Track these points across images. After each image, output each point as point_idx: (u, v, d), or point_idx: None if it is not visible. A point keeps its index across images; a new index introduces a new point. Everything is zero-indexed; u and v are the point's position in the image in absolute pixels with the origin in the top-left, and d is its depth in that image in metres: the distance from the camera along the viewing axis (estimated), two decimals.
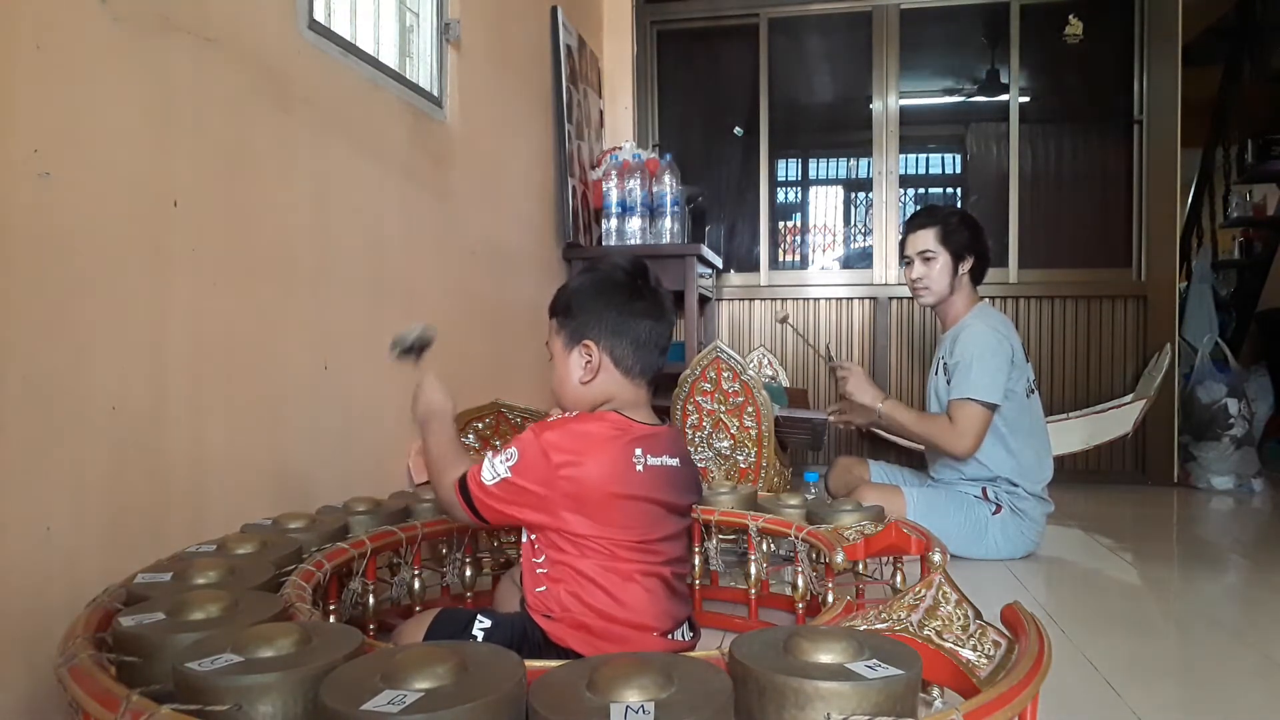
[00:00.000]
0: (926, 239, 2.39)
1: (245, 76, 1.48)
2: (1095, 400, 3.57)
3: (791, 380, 3.70)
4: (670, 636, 1.17)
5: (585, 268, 1.28)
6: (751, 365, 2.66)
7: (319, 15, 1.73)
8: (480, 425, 1.97)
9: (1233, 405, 3.48)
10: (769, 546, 1.64)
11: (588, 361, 1.19)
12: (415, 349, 1.33)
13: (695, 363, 2.09)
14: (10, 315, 1.04)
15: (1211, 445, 3.48)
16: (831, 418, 2.45)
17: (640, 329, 1.19)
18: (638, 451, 1.15)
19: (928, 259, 2.39)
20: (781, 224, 4.03)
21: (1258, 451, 3.57)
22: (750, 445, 2.08)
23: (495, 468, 1.14)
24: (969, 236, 2.37)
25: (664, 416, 1.58)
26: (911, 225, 2.45)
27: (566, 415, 1.18)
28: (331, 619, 1.22)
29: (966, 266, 2.38)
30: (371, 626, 1.34)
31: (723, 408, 2.08)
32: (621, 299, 1.19)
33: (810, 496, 1.70)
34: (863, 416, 2.44)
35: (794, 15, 3.88)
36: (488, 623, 1.16)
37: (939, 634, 0.87)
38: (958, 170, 3.92)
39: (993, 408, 2.24)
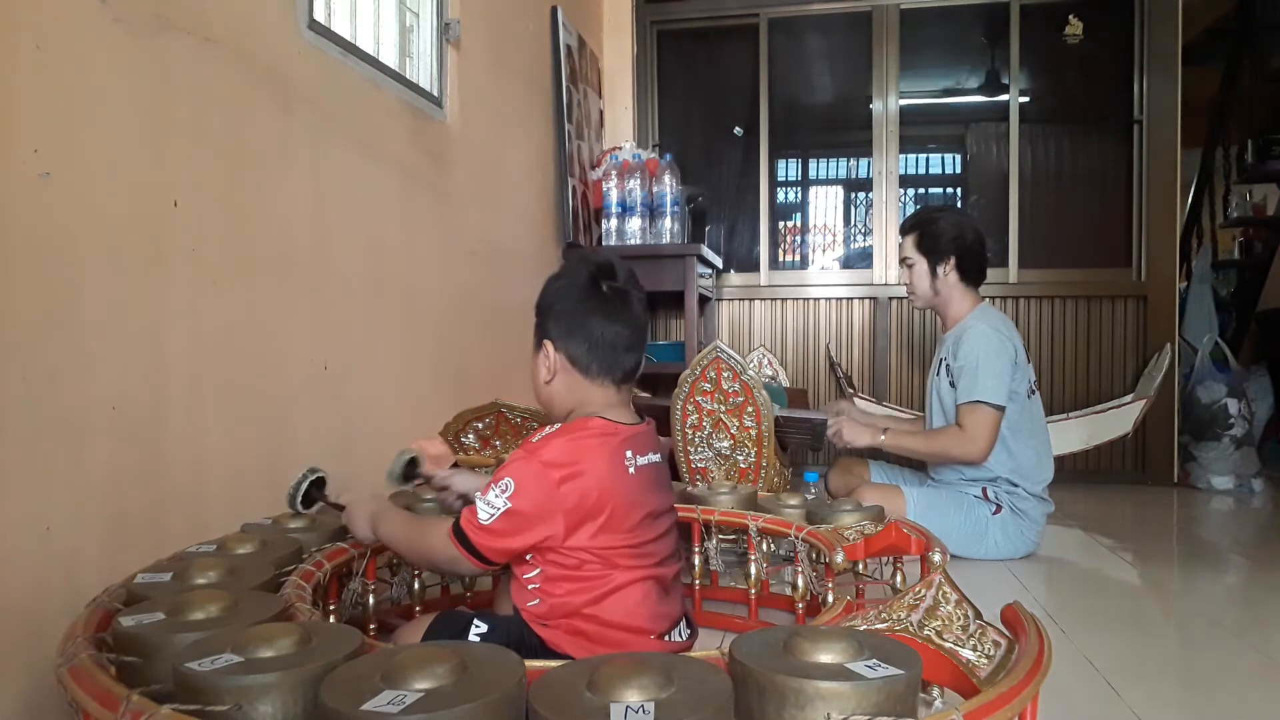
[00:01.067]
0: (906, 246, 2.44)
1: (245, 77, 1.48)
2: (1095, 400, 3.57)
3: (791, 380, 3.70)
4: (667, 638, 1.16)
5: (558, 270, 1.26)
6: (751, 365, 2.66)
7: (319, 15, 1.73)
8: (480, 425, 1.97)
9: (1233, 405, 3.48)
10: (769, 546, 1.64)
11: (547, 362, 1.19)
12: (314, 488, 1.37)
13: (695, 363, 2.09)
14: (10, 315, 1.04)
15: (1211, 445, 3.48)
16: (830, 434, 2.41)
17: (594, 329, 1.17)
18: (629, 453, 1.14)
19: (909, 265, 2.43)
20: (781, 224, 4.03)
21: (1258, 451, 3.56)
22: (750, 445, 2.08)
23: (492, 503, 1.09)
24: (948, 239, 2.37)
25: (665, 417, 1.57)
26: (900, 231, 2.51)
27: (550, 431, 1.15)
28: (331, 619, 1.22)
29: (947, 269, 2.38)
30: (371, 626, 1.34)
31: (723, 408, 2.08)
32: (576, 298, 1.18)
33: (810, 496, 1.70)
34: (864, 439, 2.41)
35: (794, 15, 3.88)
36: (484, 626, 1.15)
37: (939, 634, 0.87)
38: (958, 170, 3.92)
39: (1001, 409, 2.24)
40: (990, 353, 2.25)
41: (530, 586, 1.14)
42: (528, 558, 1.14)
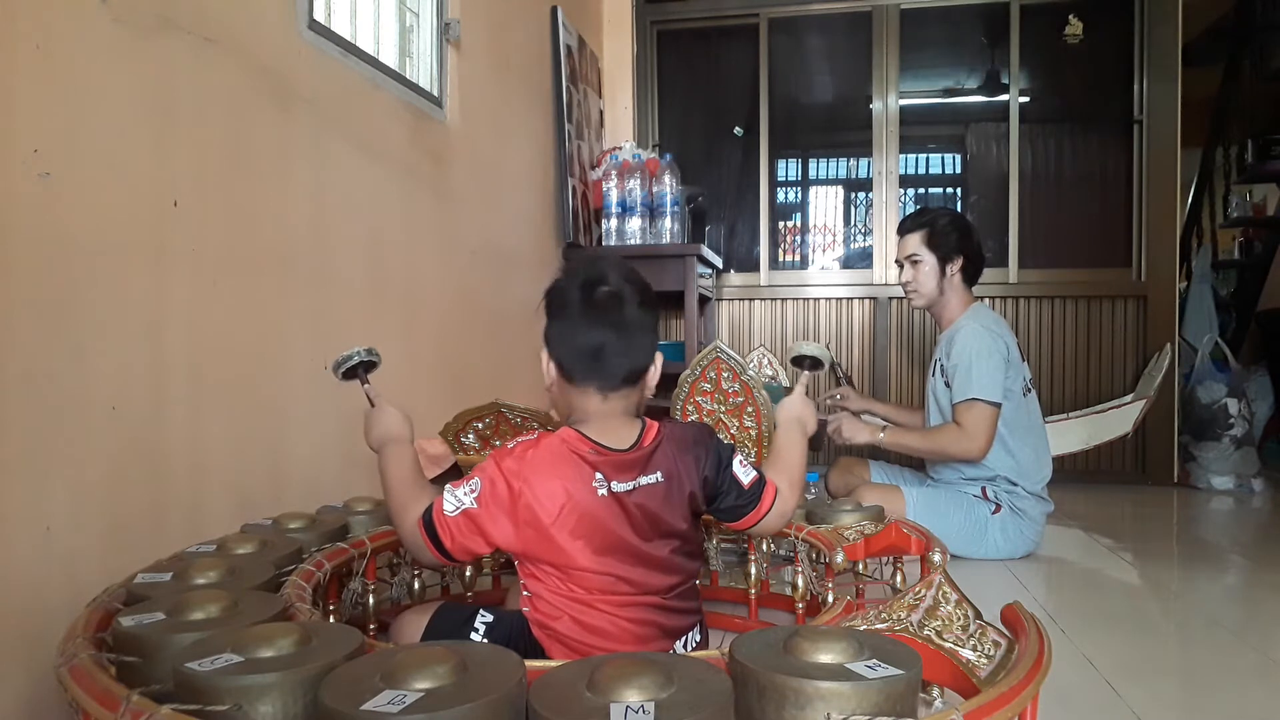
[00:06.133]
0: (912, 243, 2.41)
1: (245, 76, 1.48)
2: (1095, 400, 3.57)
3: (791, 380, 3.70)
4: (671, 651, 1.15)
5: (557, 274, 1.22)
6: (751, 365, 2.66)
7: (319, 15, 1.73)
8: (480, 425, 1.97)
9: (1233, 405, 3.48)
10: (769, 546, 1.64)
11: (548, 368, 1.18)
12: (361, 369, 1.27)
13: (695, 363, 2.09)
14: (10, 314, 1.04)
15: (1211, 445, 3.48)
16: (830, 430, 2.42)
17: (578, 336, 1.13)
18: (598, 475, 1.08)
19: (915, 262, 2.41)
20: (781, 224, 4.03)
21: (1258, 451, 3.56)
22: (750, 445, 2.08)
23: (459, 498, 1.08)
24: (957, 238, 2.38)
25: (663, 417, 1.56)
26: (900, 230, 2.49)
27: (526, 439, 1.13)
28: (331, 619, 1.22)
29: (955, 268, 2.38)
30: (371, 626, 1.34)
31: (723, 408, 2.08)
32: (559, 305, 1.16)
33: (810, 496, 1.70)
34: (863, 436, 2.41)
35: (794, 15, 3.88)
36: (490, 617, 1.15)
37: (939, 634, 0.87)
38: (958, 170, 3.92)
39: (997, 406, 2.24)
40: (982, 350, 2.26)
41: (524, 593, 1.14)
42: (515, 564, 1.14)
